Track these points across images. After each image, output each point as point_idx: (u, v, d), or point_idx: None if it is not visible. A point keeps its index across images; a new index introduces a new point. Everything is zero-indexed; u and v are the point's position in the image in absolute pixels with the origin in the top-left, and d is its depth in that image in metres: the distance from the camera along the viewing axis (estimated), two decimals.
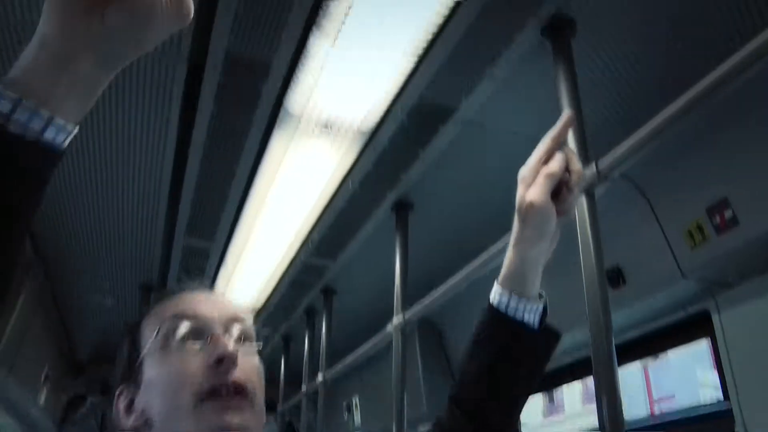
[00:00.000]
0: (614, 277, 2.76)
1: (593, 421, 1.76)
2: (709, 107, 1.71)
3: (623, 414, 1.63)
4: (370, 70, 2.16)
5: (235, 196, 3.01)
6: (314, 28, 2.00)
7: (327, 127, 2.44)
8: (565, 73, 1.98)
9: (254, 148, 2.62)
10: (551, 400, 6.92)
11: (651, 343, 3.09)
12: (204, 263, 3.86)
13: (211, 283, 4.15)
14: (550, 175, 0.98)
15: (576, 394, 6.83)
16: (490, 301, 1.05)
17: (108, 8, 0.64)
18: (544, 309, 1.05)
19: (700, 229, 2.40)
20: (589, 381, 2.58)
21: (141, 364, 0.92)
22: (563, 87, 1.97)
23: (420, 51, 2.07)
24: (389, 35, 2.02)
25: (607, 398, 1.63)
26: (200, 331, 0.91)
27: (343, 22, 1.98)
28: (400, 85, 2.22)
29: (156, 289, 4.37)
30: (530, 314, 1.03)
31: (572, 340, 2.73)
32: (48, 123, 0.62)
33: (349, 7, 1.92)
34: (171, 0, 0.66)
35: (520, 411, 1.09)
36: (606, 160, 1.85)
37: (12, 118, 0.60)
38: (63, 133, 0.64)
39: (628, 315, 2.85)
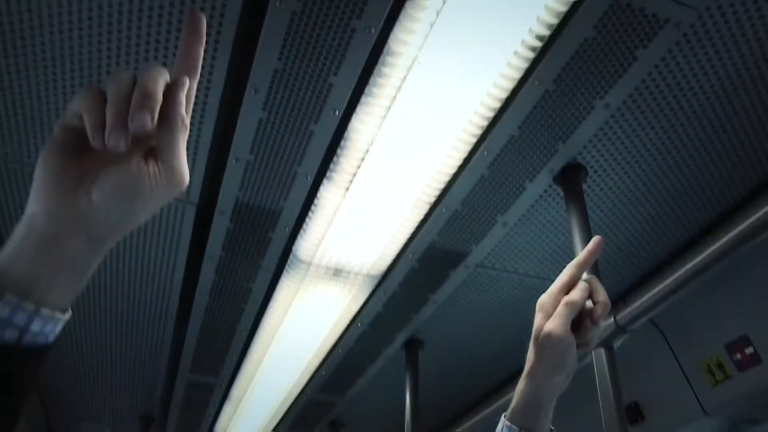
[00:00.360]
0: (632, 414, 2.71)
1: None
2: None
3: None
4: (381, 219, 2.15)
5: (241, 336, 2.97)
6: (325, 180, 2.00)
7: (337, 273, 2.42)
8: (577, 216, 1.97)
9: (262, 291, 2.60)
10: None
11: None
12: (208, 398, 3.77)
13: (214, 416, 4.04)
14: (571, 305, 0.92)
15: None
16: None
17: (95, 183, 0.61)
18: None
19: (720, 366, 2.35)
20: None
21: None
22: (575, 230, 1.96)
23: (432, 200, 2.08)
24: (400, 188, 2.03)
25: None
26: None
27: (355, 174, 1.98)
28: (410, 233, 2.22)
29: (157, 420, 4.24)
30: None
31: None
32: (33, 316, 0.57)
33: (361, 160, 1.93)
34: (160, 169, 0.62)
35: None
36: (625, 313, 1.82)
37: None
38: (51, 323, 0.59)
39: None
